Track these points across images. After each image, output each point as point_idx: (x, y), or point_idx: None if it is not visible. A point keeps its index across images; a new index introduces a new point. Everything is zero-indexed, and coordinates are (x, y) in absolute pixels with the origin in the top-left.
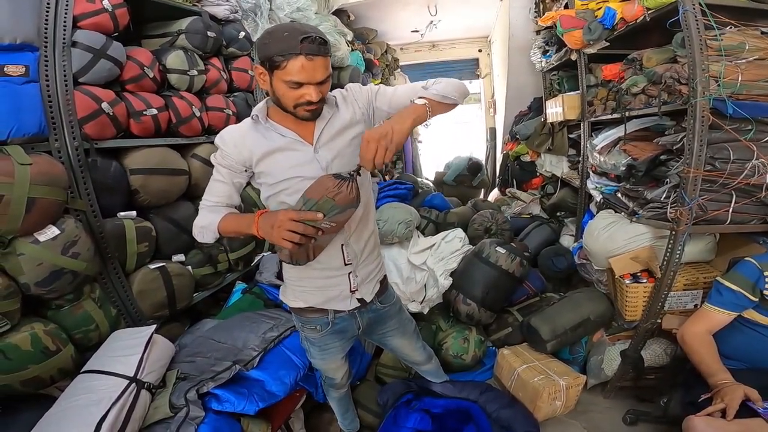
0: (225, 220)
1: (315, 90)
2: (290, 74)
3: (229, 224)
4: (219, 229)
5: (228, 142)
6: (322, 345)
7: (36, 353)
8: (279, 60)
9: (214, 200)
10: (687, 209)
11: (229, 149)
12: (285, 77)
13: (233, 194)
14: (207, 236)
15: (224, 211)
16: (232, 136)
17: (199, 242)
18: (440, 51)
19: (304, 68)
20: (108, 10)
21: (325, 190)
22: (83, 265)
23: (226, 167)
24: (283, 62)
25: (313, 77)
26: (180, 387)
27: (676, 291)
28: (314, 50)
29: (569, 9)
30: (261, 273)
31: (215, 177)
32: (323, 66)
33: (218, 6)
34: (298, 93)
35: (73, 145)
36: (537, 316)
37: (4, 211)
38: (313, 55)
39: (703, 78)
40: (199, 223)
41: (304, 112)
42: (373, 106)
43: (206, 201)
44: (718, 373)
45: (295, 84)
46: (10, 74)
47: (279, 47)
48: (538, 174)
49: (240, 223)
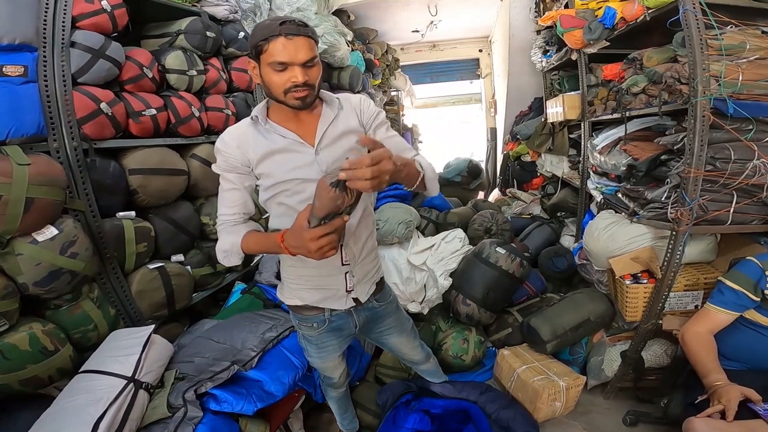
0: (247, 241)
1: (300, 71)
2: (273, 55)
3: (253, 246)
4: (243, 250)
5: (230, 144)
6: (319, 343)
7: (34, 353)
8: (261, 44)
9: (230, 213)
10: (688, 209)
11: (231, 151)
12: (269, 59)
13: (247, 200)
14: (233, 259)
15: (243, 230)
16: (233, 136)
17: (198, 243)
18: (441, 51)
19: (285, 47)
20: (107, 10)
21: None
22: (82, 265)
23: (233, 171)
24: (265, 45)
25: (295, 57)
26: (178, 387)
27: (676, 292)
28: (293, 30)
29: (569, 9)
30: (260, 273)
31: (224, 186)
32: (305, 46)
33: (218, 6)
34: (285, 76)
35: (72, 146)
36: (537, 317)
37: (2, 211)
38: (293, 35)
39: (703, 78)
40: (221, 247)
41: (294, 100)
42: (371, 127)
43: (222, 217)
44: (712, 373)
45: (279, 65)
46: (8, 74)
47: (261, 33)
48: (538, 174)
49: (265, 244)
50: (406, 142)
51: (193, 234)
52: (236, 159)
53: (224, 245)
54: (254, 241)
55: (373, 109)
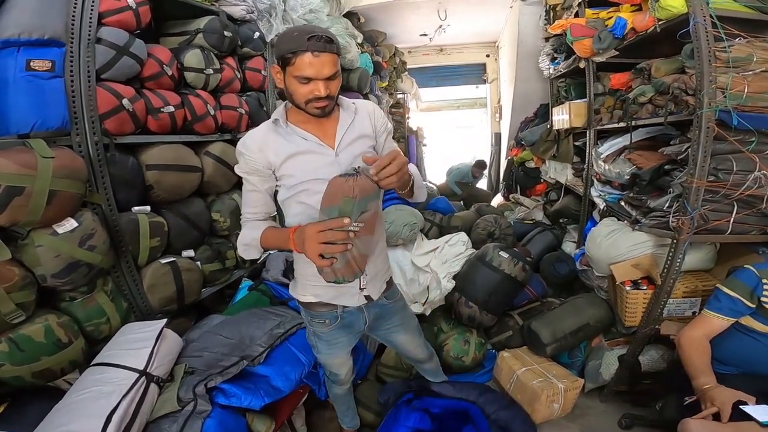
0: (265, 236)
1: (323, 85)
2: (299, 69)
3: (269, 240)
4: (261, 244)
5: (252, 147)
6: (329, 339)
7: (49, 345)
8: (289, 57)
9: (252, 211)
10: (689, 219)
11: (254, 154)
12: (295, 72)
13: (268, 201)
14: (252, 253)
15: (263, 226)
16: (255, 140)
17: (208, 239)
18: (448, 55)
19: (311, 64)
20: (132, 7)
21: (341, 191)
22: (99, 257)
23: (254, 174)
24: (293, 59)
25: (320, 72)
26: (188, 381)
27: (675, 298)
28: (320, 47)
29: (580, 18)
30: (267, 270)
31: (247, 188)
32: (330, 62)
33: (235, 6)
34: (308, 88)
35: (94, 140)
36: (538, 320)
37: (25, 202)
38: (319, 52)
39: (710, 89)
40: (243, 241)
41: (315, 109)
42: (380, 135)
43: (246, 215)
44: (702, 375)
45: (304, 79)
46: (36, 69)
47: (289, 46)
48: (542, 180)
49: (278, 238)
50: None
51: (203, 230)
52: (258, 162)
53: (245, 239)
54: (270, 236)
55: (384, 119)
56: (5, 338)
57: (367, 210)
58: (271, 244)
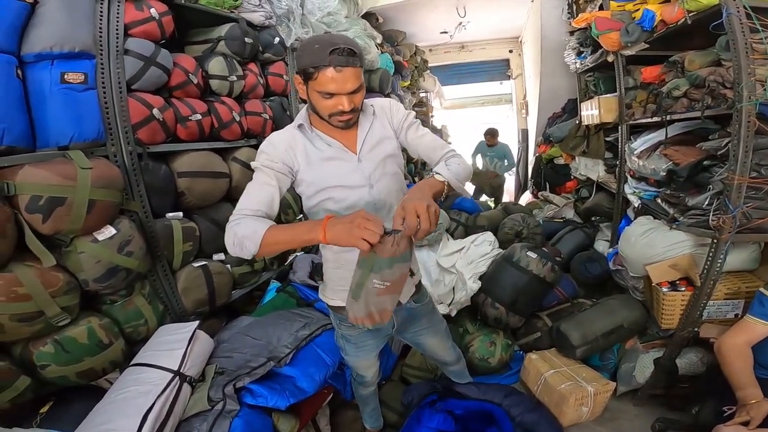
0: (275, 229)
1: (347, 100)
2: (321, 85)
3: (281, 232)
4: (264, 238)
5: (279, 146)
6: (358, 342)
7: (91, 346)
8: (311, 71)
9: (254, 208)
10: (730, 217)
11: (280, 153)
12: (317, 88)
13: (275, 200)
14: (247, 248)
15: (269, 222)
16: (283, 140)
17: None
18: (469, 52)
19: (333, 79)
20: (155, 18)
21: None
22: (136, 263)
23: (275, 170)
24: (315, 73)
25: (343, 87)
26: (218, 381)
27: (716, 300)
28: (342, 62)
29: (604, 11)
30: (294, 272)
31: (260, 180)
32: (353, 76)
33: (254, 12)
34: (331, 103)
35: (128, 150)
36: (567, 322)
37: (67, 212)
38: (342, 66)
39: (749, 82)
40: (240, 232)
41: (338, 122)
42: (402, 129)
43: (244, 210)
44: (748, 387)
45: (327, 94)
46: (70, 81)
47: (311, 59)
48: (572, 177)
49: (296, 229)
50: (438, 140)
51: None
52: (282, 160)
53: (244, 230)
54: (284, 228)
55: (403, 111)
56: (51, 340)
57: (393, 269)
58: (283, 236)
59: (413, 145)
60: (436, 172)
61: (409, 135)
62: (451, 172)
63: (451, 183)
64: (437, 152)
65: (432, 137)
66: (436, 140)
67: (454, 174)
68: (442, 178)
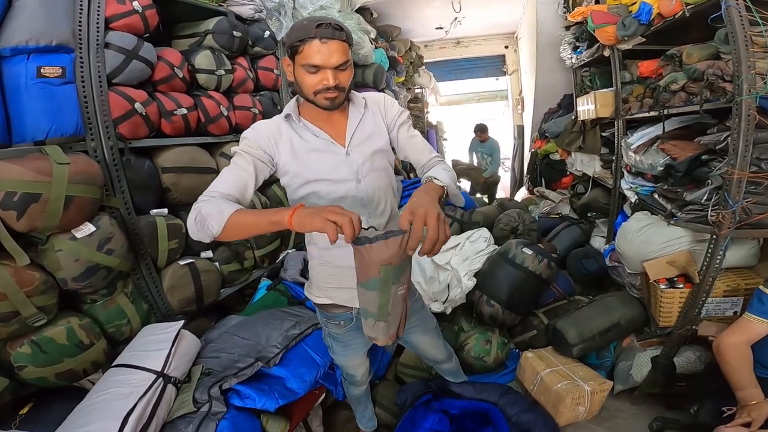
0: (242, 212)
1: (332, 74)
2: (307, 57)
3: (248, 214)
4: (229, 220)
5: (263, 133)
6: (345, 341)
7: (71, 347)
8: (297, 45)
9: (225, 192)
10: (730, 212)
11: (263, 142)
12: (303, 61)
13: (249, 187)
14: (209, 227)
15: (237, 206)
16: (268, 128)
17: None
18: (465, 48)
19: (319, 51)
20: (138, 11)
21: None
22: (117, 261)
23: (254, 156)
24: (301, 47)
25: (328, 60)
26: (204, 382)
27: (714, 297)
28: (328, 33)
29: (600, 4)
30: (285, 270)
31: (237, 164)
32: (339, 50)
33: (243, 6)
34: (317, 78)
35: (108, 145)
36: (564, 320)
37: (42, 209)
38: (327, 38)
39: (749, 75)
40: (204, 210)
41: (324, 100)
42: (395, 126)
43: (215, 192)
44: (748, 387)
45: (313, 67)
46: (47, 75)
47: (298, 34)
48: (568, 173)
49: (263, 212)
50: (426, 143)
51: None
52: (263, 147)
53: (210, 208)
54: (252, 211)
55: (397, 108)
56: (28, 341)
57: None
58: (249, 219)
59: (402, 144)
60: (435, 177)
61: (401, 133)
62: (448, 178)
63: (448, 189)
64: (425, 156)
65: (422, 140)
66: (425, 144)
67: (452, 180)
68: (442, 183)
